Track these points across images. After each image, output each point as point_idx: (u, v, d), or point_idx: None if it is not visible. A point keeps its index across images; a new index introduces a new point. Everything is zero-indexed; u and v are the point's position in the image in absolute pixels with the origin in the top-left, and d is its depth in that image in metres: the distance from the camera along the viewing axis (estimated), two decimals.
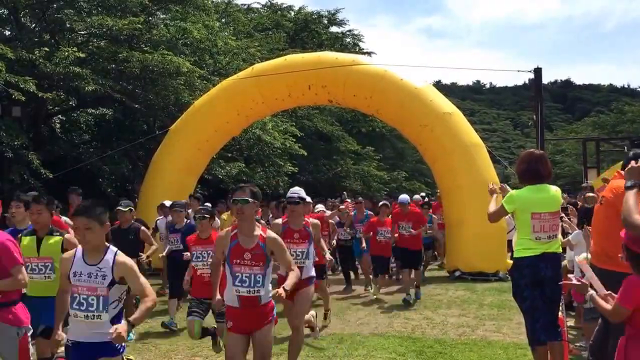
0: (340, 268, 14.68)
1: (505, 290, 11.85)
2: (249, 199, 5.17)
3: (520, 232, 6.13)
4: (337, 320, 9.82)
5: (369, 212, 14.20)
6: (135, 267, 4.42)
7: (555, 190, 6.23)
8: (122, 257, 4.37)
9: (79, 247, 4.45)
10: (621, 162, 5.58)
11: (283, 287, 5.00)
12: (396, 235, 11.60)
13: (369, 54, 33.95)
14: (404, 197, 12.34)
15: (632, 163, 4.41)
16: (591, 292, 4.13)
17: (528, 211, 5.99)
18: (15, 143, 14.82)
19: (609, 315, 4.03)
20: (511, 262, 6.49)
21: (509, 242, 12.57)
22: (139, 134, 18.64)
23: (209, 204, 12.33)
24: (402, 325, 9.44)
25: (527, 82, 19.46)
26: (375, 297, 11.83)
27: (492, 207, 6.45)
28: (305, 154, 22.67)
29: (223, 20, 25.83)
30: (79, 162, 16.95)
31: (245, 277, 5.14)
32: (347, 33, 35.55)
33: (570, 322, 8.54)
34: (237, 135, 18.07)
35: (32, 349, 5.43)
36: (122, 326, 4.04)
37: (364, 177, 31.34)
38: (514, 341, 8.20)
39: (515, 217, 6.29)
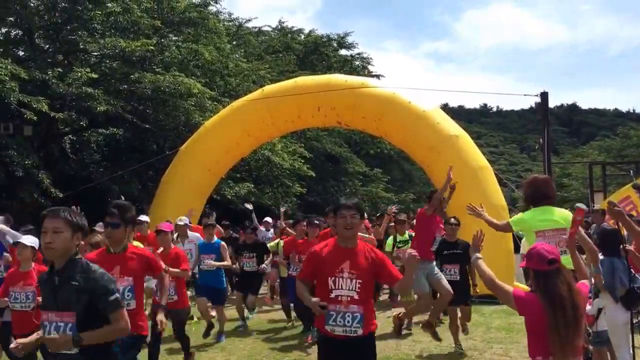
0: None
1: (513, 313, 11.78)
2: None
3: None
4: None
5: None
6: None
7: (560, 212, 6.37)
8: None
9: None
10: (627, 186, 5.70)
11: None
12: None
13: (378, 76, 34.16)
14: None
15: None
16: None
17: (531, 231, 6.26)
18: (26, 162, 14.98)
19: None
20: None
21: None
22: (149, 154, 18.76)
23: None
24: (410, 347, 9.46)
25: (533, 105, 19.53)
26: None
27: (495, 220, 7.03)
28: (314, 175, 22.79)
29: (234, 42, 26.17)
30: (89, 181, 17.09)
31: None
32: (356, 56, 35.90)
33: None
34: (246, 156, 18.19)
35: None
36: None
37: (372, 198, 31.41)
38: None
39: (525, 240, 6.49)
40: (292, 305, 10.87)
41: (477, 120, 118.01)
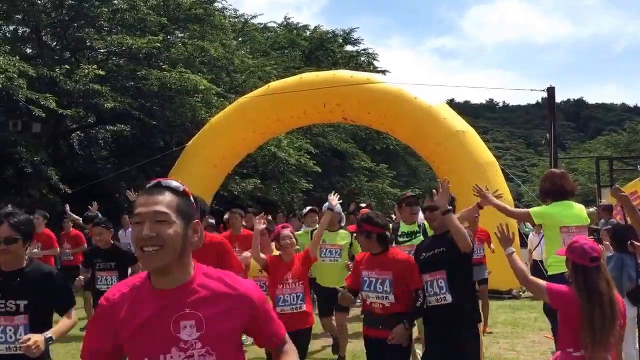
0: None
1: (519, 309, 11.88)
2: None
3: (551, 249, 6.11)
4: (354, 338, 9.88)
5: None
6: None
7: (579, 207, 6.27)
8: None
9: None
10: (635, 181, 5.67)
11: None
12: None
13: (384, 72, 34.11)
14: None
15: None
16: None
17: (556, 226, 6.04)
18: (35, 159, 15.08)
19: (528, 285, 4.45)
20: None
21: (535, 262, 12.52)
22: (156, 151, 18.84)
23: None
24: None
25: (540, 101, 19.46)
26: None
27: (510, 207, 6.80)
28: (320, 170, 22.82)
29: (240, 39, 26.22)
30: (97, 178, 17.17)
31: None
32: (362, 52, 35.82)
33: None
34: (252, 152, 18.24)
35: None
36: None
37: (378, 194, 31.44)
38: (528, 359, 8.23)
39: (545, 235, 6.35)
40: None
41: (483, 116, 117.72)
